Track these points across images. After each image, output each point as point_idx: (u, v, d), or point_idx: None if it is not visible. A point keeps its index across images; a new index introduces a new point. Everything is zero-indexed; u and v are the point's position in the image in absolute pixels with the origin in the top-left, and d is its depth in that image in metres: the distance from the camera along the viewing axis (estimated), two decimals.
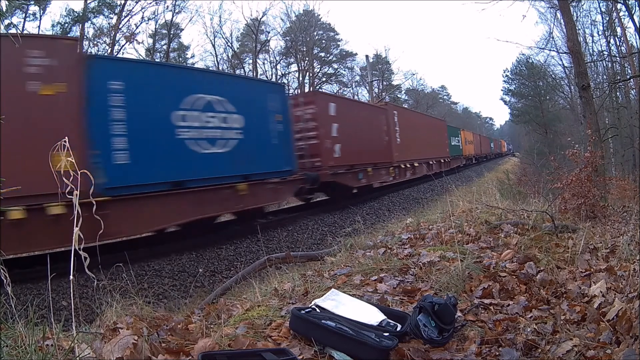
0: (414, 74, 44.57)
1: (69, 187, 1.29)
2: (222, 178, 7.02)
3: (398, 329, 1.66)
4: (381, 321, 1.70)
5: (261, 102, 8.00)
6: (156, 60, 21.71)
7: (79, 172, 1.28)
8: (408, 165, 14.59)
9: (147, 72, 6.66)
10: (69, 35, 18.22)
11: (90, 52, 7.29)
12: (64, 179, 1.30)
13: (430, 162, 17.60)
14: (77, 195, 1.27)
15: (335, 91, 29.38)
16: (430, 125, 19.68)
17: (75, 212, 1.27)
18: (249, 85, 8.88)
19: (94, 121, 5.47)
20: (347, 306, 1.81)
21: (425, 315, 1.62)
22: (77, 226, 1.26)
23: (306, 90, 26.40)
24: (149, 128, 6.10)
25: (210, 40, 29.28)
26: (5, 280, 1.43)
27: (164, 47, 23.94)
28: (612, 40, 16.24)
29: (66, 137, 1.31)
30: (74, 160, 1.29)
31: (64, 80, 5.27)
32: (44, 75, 5.12)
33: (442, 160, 19.68)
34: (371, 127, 12.30)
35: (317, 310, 1.75)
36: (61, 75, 5.25)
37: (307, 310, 1.71)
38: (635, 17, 10.86)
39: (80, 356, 1.31)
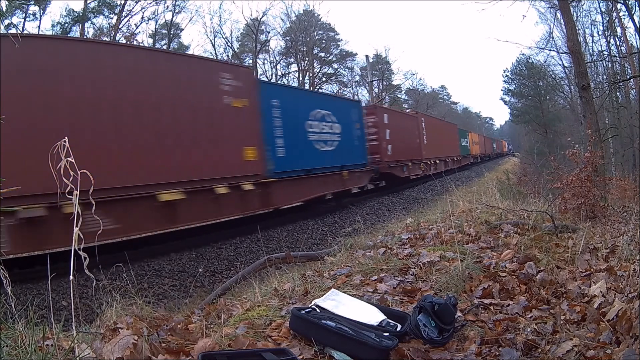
0: (414, 74, 44.68)
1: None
2: (331, 168, 10.07)
3: (398, 329, 1.66)
4: (381, 321, 1.70)
5: (348, 115, 11.14)
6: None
7: (78, 173, 1.27)
8: (432, 162, 17.90)
9: (291, 93, 10.07)
10: (69, 35, 18.26)
11: (260, 78, 10.49)
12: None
13: (447, 160, 20.78)
14: (77, 195, 1.27)
15: (335, 91, 29.41)
16: (446, 128, 23.29)
17: (75, 212, 1.26)
18: (342, 102, 12.25)
19: (265, 127, 7.90)
20: (347, 306, 1.81)
21: (425, 315, 1.62)
22: (77, 226, 1.26)
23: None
24: (294, 132, 8.73)
25: (210, 40, 29.34)
26: (5, 280, 1.43)
27: (164, 47, 23.94)
28: (612, 40, 16.27)
29: (66, 138, 1.31)
30: (73, 161, 1.29)
31: (246, 97, 7.47)
32: (233, 92, 7.21)
33: (455, 159, 22.90)
34: (409, 132, 15.87)
35: (317, 310, 1.75)
36: (244, 93, 7.44)
37: (307, 310, 1.71)
38: (635, 17, 10.88)
39: (80, 356, 1.31)
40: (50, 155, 1.29)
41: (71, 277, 1.31)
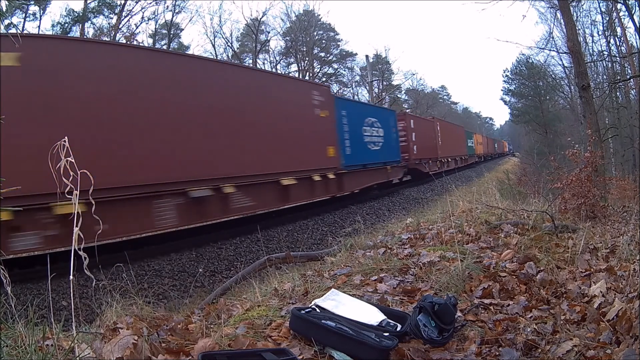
0: (414, 74, 44.68)
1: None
2: (378, 163, 12.78)
3: (398, 329, 1.66)
4: (381, 321, 1.70)
5: (387, 121, 13.95)
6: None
7: (78, 173, 1.27)
8: (445, 160, 20.63)
9: (353, 105, 12.90)
10: (69, 35, 18.26)
11: (334, 94, 13.00)
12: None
13: (456, 159, 23.75)
14: (76, 195, 1.27)
15: (335, 91, 29.37)
16: (456, 131, 26.08)
17: (75, 212, 1.26)
18: (384, 111, 14.99)
19: (339, 132, 10.55)
20: (347, 306, 1.81)
21: (425, 315, 1.62)
22: (77, 226, 1.25)
23: None
24: (355, 135, 11.37)
25: (210, 40, 29.33)
26: (5, 280, 1.43)
27: (164, 47, 23.93)
28: (612, 40, 16.25)
29: (65, 138, 1.31)
30: (73, 161, 1.29)
31: (327, 109, 10.06)
32: (320, 106, 9.82)
33: (462, 158, 25.97)
34: (428, 134, 18.58)
35: (317, 310, 1.75)
36: (326, 106, 10.05)
37: (307, 310, 1.71)
38: (635, 17, 10.87)
39: (80, 356, 1.31)
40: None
41: (71, 277, 1.31)
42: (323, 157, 9.69)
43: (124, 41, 20.79)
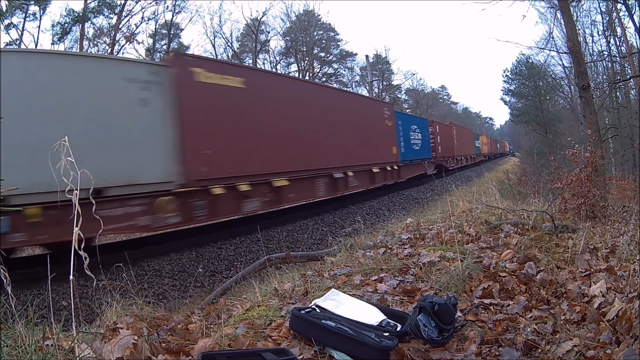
0: (414, 74, 44.74)
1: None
2: (419, 159, 16.65)
3: (398, 329, 1.66)
4: (381, 321, 1.70)
5: (424, 127, 18.00)
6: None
7: (78, 172, 1.27)
8: (460, 158, 24.72)
9: (404, 116, 16.78)
10: (69, 34, 18.31)
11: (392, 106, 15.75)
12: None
13: (467, 157, 27.66)
14: (76, 194, 1.27)
15: None
16: (467, 133, 30.11)
17: (75, 211, 1.26)
18: (421, 120, 19.19)
19: (397, 136, 14.28)
20: (347, 306, 1.81)
21: (425, 315, 1.62)
22: (77, 226, 1.25)
23: None
24: (406, 139, 15.34)
25: (210, 40, 29.27)
26: (5, 280, 1.43)
27: (164, 47, 23.94)
28: (612, 40, 16.26)
29: (65, 137, 1.31)
30: (73, 160, 1.29)
31: (391, 120, 13.90)
32: (387, 118, 13.67)
33: (471, 157, 29.72)
34: (448, 137, 22.37)
35: (317, 310, 1.75)
36: (390, 118, 13.87)
37: (307, 310, 1.71)
38: (635, 17, 10.87)
39: (80, 356, 1.31)
40: None
41: (71, 277, 1.31)
42: (390, 154, 13.66)
43: (124, 41, 20.82)
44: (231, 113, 7.06)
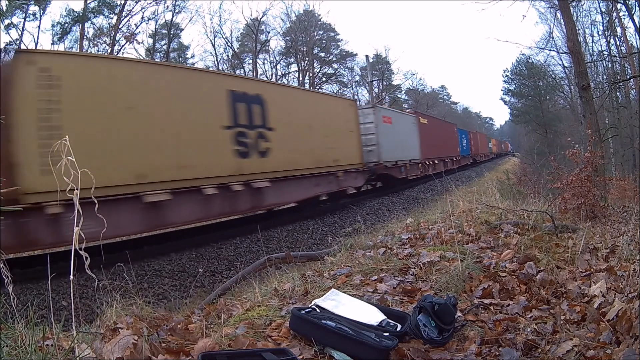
0: (414, 74, 44.70)
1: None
2: (466, 156, 26.93)
3: (398, 329, 1.66)
4: (381, 321, 1.70)
5: (466, 135, 27.68)
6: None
7: (79, 171, 1.27)
8: (479, 156, 32.47)
9: (461, 131, 27.33)
10: (69, 34, 18.30)
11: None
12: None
13: (482, 155, 34.91)
14: (77, 194, 1.27)
15: (335, 92, 29.41)
16: (484, 137, 38.50)
17: (76, 211, 1.26)
18: (466, 131, 29.20)
19: (458, 141, 25.79)
20: (347, 306, 1.81)
21: (425, 315, 1.62)
22: (77, 226, 1.25)
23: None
24: (460, 142, 25.50)
25: (210, 40, 29.25)
26: (6, 280, 1.43)
27: (164, 47, 23.94)
28: (612, 40, 16.27)
29: (66, 136, 1.31)
30: (74, 160, 1.29)
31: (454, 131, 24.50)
32: (455, 132, 24.58)
33: (485, 154, 37.71)
34: (474, 141, 29.03)
35: (317, 310, 1.75)
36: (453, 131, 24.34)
37: (307, 310, 1.71)
38: (635, 17, 10.88)
39: (80, 356, 1.31)
40: None
41: (71, 277, 1.31)
42: (456, 151, 21.99)
43: (124, 41, 20.81)
44: None
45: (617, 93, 15.62)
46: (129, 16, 21.17)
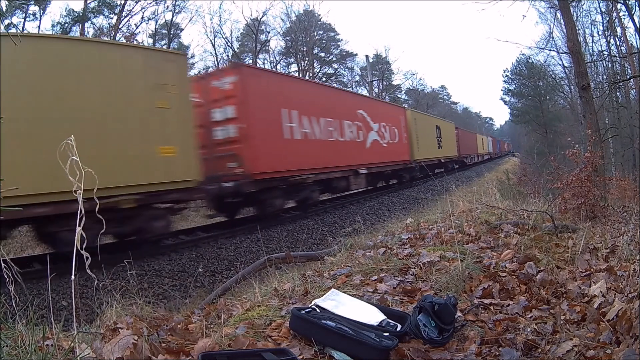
0: (414, 74, 44.70)
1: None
2: (486, 154, 38.74)
3: (398, 329, 1.66)
4: (381, 321, 1.70)
5: (474, 138, 32.17)
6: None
7: (83, 171, 1.27)
8: (483, 155, 35.53)
9: (465, 133, 28.94)
10: (69, 34, 18.27)
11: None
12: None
13: (485, 155, 37.81)
14: (80, 194, 1.27)
15: None
16: (486, 139, 40.28)
17: (79, 210, 1.26)
18: (474, 134, 33.96)
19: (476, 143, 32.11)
20: (347, 306, 1.81)
21: (425, 315, 1.62)
22: (79, 226, 1.25)
23: None
24: (470, 145, 28.95)
25: (210, 40, 29.15)
26: (7, 279, 1.43)
27: (164, 47, 23.90)
28: (612, 40, 16.26)
29: (72, 136, 1.31)
30: (78, 159, 1.29)
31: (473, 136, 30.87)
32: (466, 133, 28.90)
33: (490, 154, 40.78)
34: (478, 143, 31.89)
35: (317, 310, 1.75)
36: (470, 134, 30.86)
37: (307, 310, 1.71)
38: (635, 17, 10.87)
39: (80, 356, 1.31)
40: None
41: (72, 277, 1.31)
42: (475, 150, 27.28)
43: (124, 41, 20.79)
44: None
45: (617, 93, 15.63)
46: (129, 16, 21.16)
